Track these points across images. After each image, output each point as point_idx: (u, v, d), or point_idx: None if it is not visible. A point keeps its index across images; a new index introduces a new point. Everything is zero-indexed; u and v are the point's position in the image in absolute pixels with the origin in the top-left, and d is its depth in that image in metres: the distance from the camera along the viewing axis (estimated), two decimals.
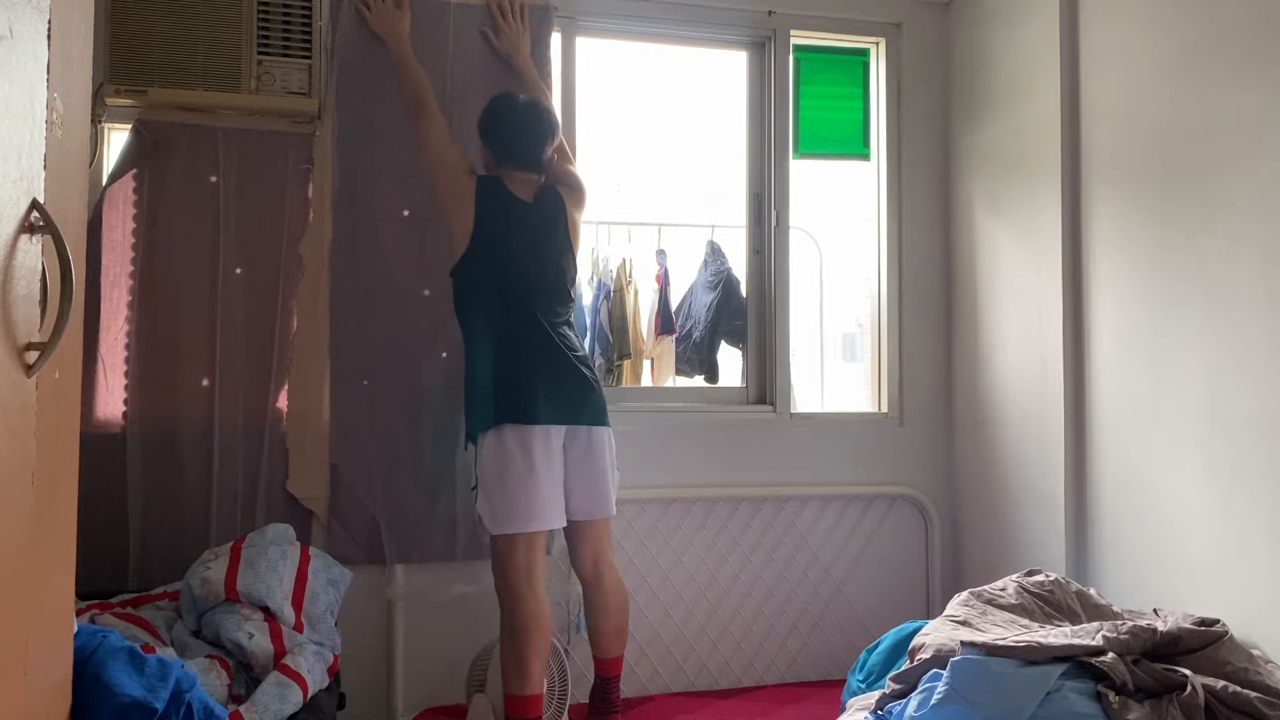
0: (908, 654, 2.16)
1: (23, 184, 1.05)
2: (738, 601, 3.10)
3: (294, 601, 2.24)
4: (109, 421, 2.60)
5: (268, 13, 2.64)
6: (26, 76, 1.06)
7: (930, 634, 2.16)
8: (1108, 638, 1.94)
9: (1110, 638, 1.94)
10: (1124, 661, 1.89)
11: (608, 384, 4.21)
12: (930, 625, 2.24)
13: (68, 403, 1.27)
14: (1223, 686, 1.86)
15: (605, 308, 4.46)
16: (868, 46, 3.43)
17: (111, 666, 1.45)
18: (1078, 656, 1.90)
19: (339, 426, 2.74)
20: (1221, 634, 2.00)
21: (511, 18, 2.88)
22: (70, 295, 1.11)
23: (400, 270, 2.81)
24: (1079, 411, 2.76)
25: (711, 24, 3.23)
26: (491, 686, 2.50)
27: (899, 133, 3.35)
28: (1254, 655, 2.02)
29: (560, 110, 3.00)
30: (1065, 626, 2.18)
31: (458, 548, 2.81)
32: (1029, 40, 2.93)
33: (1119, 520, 2.61)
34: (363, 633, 2.75)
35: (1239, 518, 2.22)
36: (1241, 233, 2.22)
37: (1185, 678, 1.86)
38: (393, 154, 2.82)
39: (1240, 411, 2.22)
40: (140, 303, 2.62)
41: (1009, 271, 3.05)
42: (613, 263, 4.54)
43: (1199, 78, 2.35)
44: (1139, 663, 1.91)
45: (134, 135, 2.63)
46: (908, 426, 3.30)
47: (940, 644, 2.08)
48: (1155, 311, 2.48)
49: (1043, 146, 2.86)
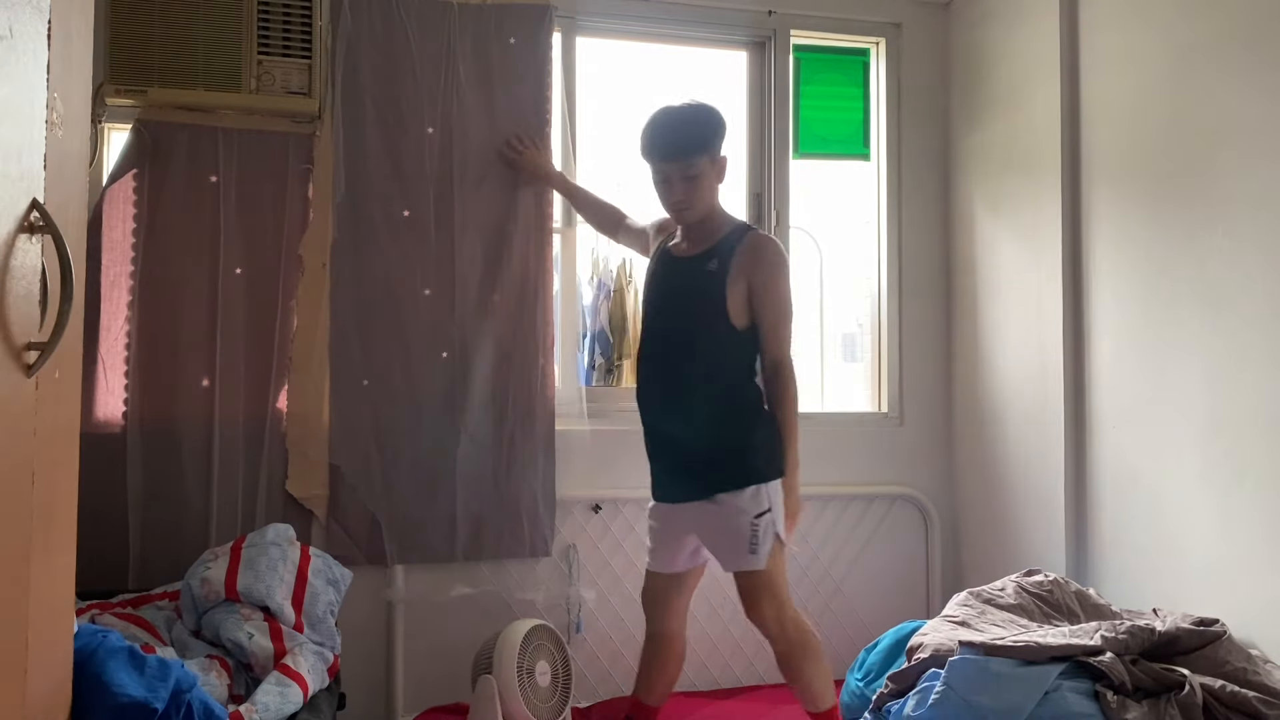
0: (905, 653, 2.16)
1: (22, 184, 1.05)
2: (738, 601, 3.09)
3: (294, 601, 2.24)
4: (109, 421, 2.60)
5: (268, 13, 2.64)
6: (26, 76, 1.06)
7: (929, 634, 2.16)
8: (1106, 637, 1.94)
9: (1108, 637, 1.94)
10: (1122, 661, 1.89)
11: (608, 384, 4.21)
12: (929, 625, 2.24)
13: (68, 403, 1.27)
14: (1220, 686, 1.86)
15: (605, 308, 4.46)
16: (868, 46, 3.43)
17: (111, 666, 1.45)
18: (1076, 656, 1.91)
19: (339, 426, 2.74)
20: (1219, 634, 2.00)
21: (520, 144, 2.88)
22: (70, 295, 1.11)
23: (400, 270, 2.81)
24: (1079, 411, 2.76)
25: (711, 24, 3.23)
26: (497, 671, 2.48)
27: (899, 133, 3.35)
28: (1252, 655, 2.02)
29: (561, 110, 3.00)
30: (1064, 626, 2.18)
31: (458, 549, 2.81)
32: (1029, 40, 2.93)
33: (1119, 520, 2.60)
34: (363, 633, 2.75)
35: (1239, 518, 2.22)
36: (1241, 233, 2.22)
37: (1183, 677, 1.86)
38: (393, 154, 2.81)
39: (1240, 412, 2.22)
40: (140, 303, 2.62)
41: (1009, 271, 3.05)
42: (613, 263, 4.54)
43: (1199, 78, 2.35)
44: (1137, 662, 1.91)
45: (134, 135, 2.63)
46: (908, 426, 3.30)
47: (938, 644, 2.08)
48: (1155, 312, 2.48)
49: (1043, 146, 2.86)
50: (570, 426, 2.98)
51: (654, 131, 2.33)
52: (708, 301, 2.30)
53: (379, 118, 2.81)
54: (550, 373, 2.93)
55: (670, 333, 2.39)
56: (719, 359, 2.31)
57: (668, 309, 2.41)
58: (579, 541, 2.97)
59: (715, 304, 2.29)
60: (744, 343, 2.32)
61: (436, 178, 2.84)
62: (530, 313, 2.90)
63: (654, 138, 2.33)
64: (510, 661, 2.44)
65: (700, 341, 2.32)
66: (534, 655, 2.52)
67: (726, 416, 2.31)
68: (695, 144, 2.30)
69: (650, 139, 2.33)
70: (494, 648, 2.52)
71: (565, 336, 3.05)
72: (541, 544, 2.89)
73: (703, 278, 2.32)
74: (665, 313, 2.42)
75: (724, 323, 2.29)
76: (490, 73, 2.89)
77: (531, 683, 2.47)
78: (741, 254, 2.30)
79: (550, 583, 2.94)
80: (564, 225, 3.09)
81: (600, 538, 3.00)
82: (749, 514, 2.24)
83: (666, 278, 2.44)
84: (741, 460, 2.26)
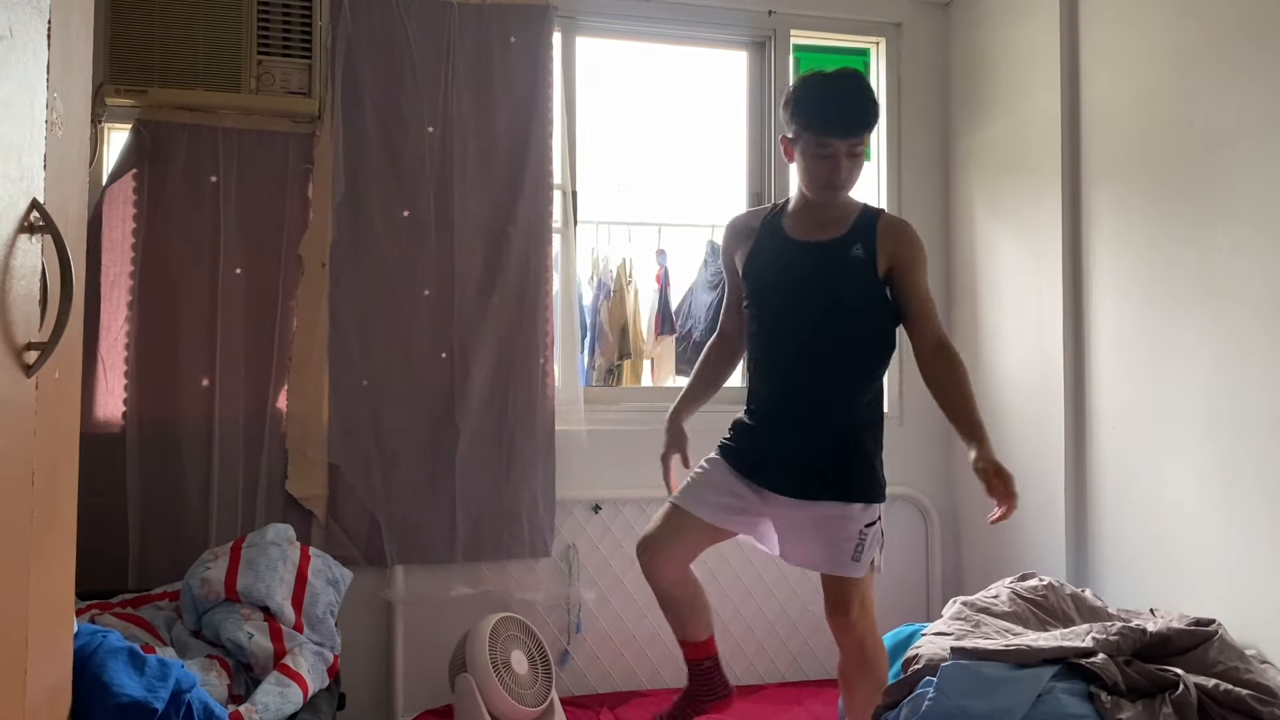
0: (902, 665, 2.16)
1: (22, 183, 1.05)
2: (738, 601, 3.10)
3: (294, 601, 2.24)
4: (109, 421, 2.60)
5: (268, 13, 2.64)
6: (26, 76, 1.06)
7: (923, 647, 2.16)
8: (1098, 639, 1.94)
9: (1100, 639, 1.94)
10: (1115, 662, 1.89)
11: (608, 384, 4.21)
12: (923, 640, 2.23)
13: (68, 403, 1.27)
14: (1215, 685, 1.86)
15: (605, 308, 4.46)
16: (868, 46, 3.43)
17: (111, 666, 1.45)
18: (1068, 658, 1.90)
19: (339, 426, 2.74)
20: (1212, 634, 2.00)
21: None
22: (70, 295, 1.11)
23: (400, 270, 2.81)
24: (1079, 411, 2.76)
25: (711, 24, 3.23)
26: (471, 668, 2.48)
27: (899, 133, 3.35)
28: (1246, 654, 2.01)
29: (561, 110, 3.00)
30: (1057, 630, 2.18)
31: (457, 549, 2.81)
32: (1029, 40, 2.93)
33: (1119, 520, 2.60)
34: (363, 633, 2.75)
35: (1239, 518, 2.21)
36: (1241, 232, 2.22)
37: (1178, 677, 1.86)
38: (393, 154, 2.81)
39: (1240, 412, 2.22)
40: (140, 303, 2.62)
41: (1009, 271, 3.05)
42: (613, 263, 4.53)
43: (1199, 78, 2.35)
44: (1131, 663, 1.91)
45: (134, 135, 2.63)
46: (908, 426, 3.30)
47: (932, 654, 2.08)
48: (1155, 312, 2.48)
49: (1043, 146, 2.86)
50: (570, 426, 2.98)
51: (834, 104, 2.08)
52: (858, 292, 2.14)
53: (379, 118, 2.81)
54: (550, 373, 2.93)
55: (810, 323, 2.16)
56: (867, 354, 2.19)
57: (802, 297, 2.16)
58: (579, 542, 2.97)
59: (869, 292, 2.13)
60: (887, 334, 2.20)
61: (436, 178, 2.84)
62: (530, 313, 2.90)
63: (835, 112, 2.07)
64: (483, 657, 2.44)
65: (849, 333, 2.15)
66: (505, 646, 2.51)
67: (867, 425, 2.19)
68: (874, 120, 2.11)
69: (829, 113, 2.07)
70: (465, 647, 2.52)
71: (565, 336, 3.05)
72: (541, 544, 2.89)
73: (847, 264, 2.13)
74: (800, 301, 2.17)
75: (878, 312, 2.16)
76: (490, 73, 2.89)
77: (509, 673, 2.47)
78: (885, 237, 2.14)
79: (550, 583, 2.94)
80: (564, 225, 3.09)
81: (600, 538, 3.00)
82: (861, 522, 2.13)
83: (794, 264, 2.18)
84: (873, 475, 2.17)
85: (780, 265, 2.21)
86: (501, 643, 2.51)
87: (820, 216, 2.18)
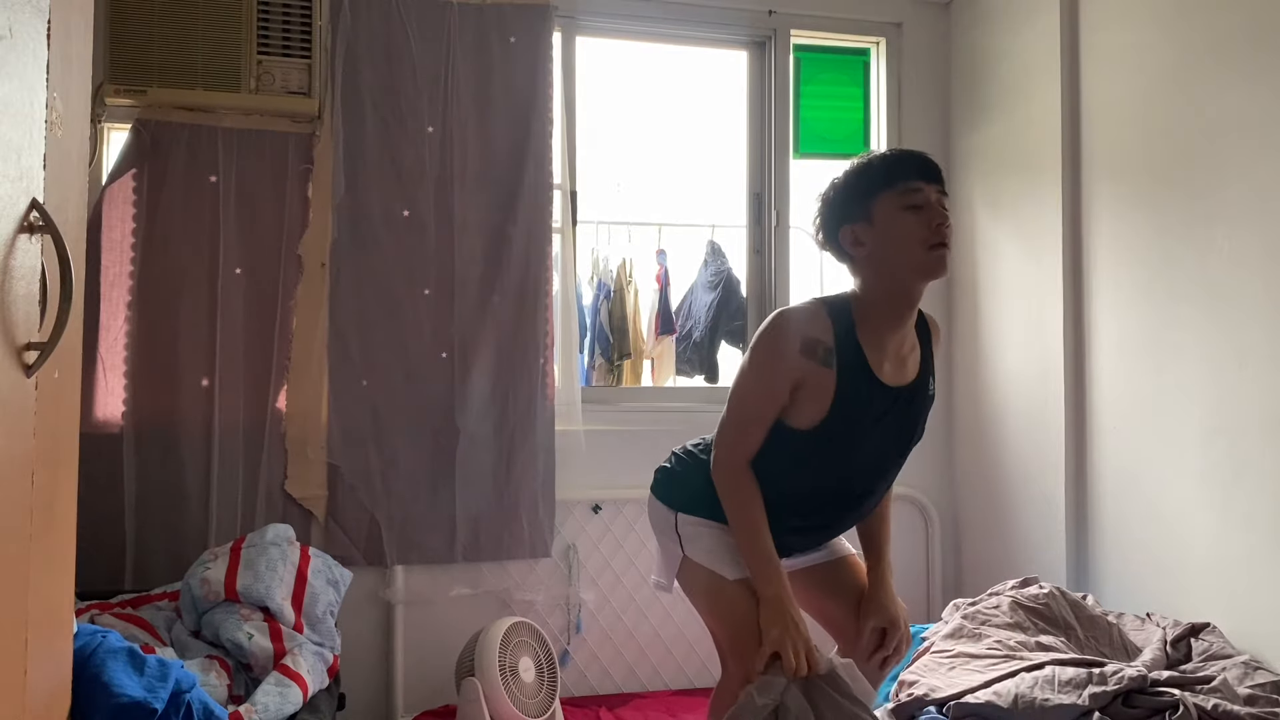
0: (896, 685, 2.16)
1: (22, 183, 1.05)
2: None
3: (294, 602, 2.24)
4: (109, 421, 2.60)
5: (268, 13, 2.64)
6: (26, 76, 1.05)
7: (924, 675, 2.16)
8: (1094, 694, 1.91)
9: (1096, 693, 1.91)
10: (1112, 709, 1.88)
11: (608, 384, 4.21)
12: (921, 663, 2.22)
13: (68, 403, 1.26)
14: (1214, 706, 1.86)
15: (605, 308, 4.46)
16: (868, 46, 3.43)
17: (111, 666, 1.45)
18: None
19: (339, 426, 2.74)
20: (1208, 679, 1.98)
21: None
22: (70, 295, 1.11)
23: (400, 270, 2.81)
24: (1079, 412, 2.76)
25: (711, 24, 3.23)
26: (479, 672, 2.48)
27: (899, 133, 3.35)
28: (1244, 661, 2.01)
29: (560, 110, 3.00)
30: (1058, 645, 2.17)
31: (457, 550, 2.81)
32: (1029, 40, 2.93)
33: (1119, 521, 2.60)
34: (363, 633, 2.75)
35: (1239, 519, 2.21)
36: (1241, 232, 2.22)
37: (1176, 699, 1.86)
38: (393, 154, 2.81)
39: (1241, 412, 2.21)
40: (140, 303, 2.62)
41: (1009, 271, 3.05)
42: (613, 263, 4.53)
43: (1199, 78, 2.35)
44: (1129, 698, 1.90)
45: (134, 135, 2.63)
46: None
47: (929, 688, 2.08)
48: (1155, 312, 2.48)
49: (1043, 146, 2.86)
50: (570, 426, 2.98)
51: (901, 153, 1.84)
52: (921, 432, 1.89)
53: (379, 118, 2.81)
54: (550, 373, 2.93)
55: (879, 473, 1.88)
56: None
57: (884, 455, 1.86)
58: (579, 542, 2.97)
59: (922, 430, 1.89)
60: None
61: (436, 178, 2.84)
62: (530, 313, 2.90)
63: (908, 155, 1.81)
64: (492, 662, 2.44)
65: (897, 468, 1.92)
66: (515, 652, 2.51)
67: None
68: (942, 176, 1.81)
69: (903, 158, 1.81)
70: (474, 649, 2.52)
71: (565, 336, 3.05)
72: (541, 544, 2.89)
73: (925, 406, 1.87)
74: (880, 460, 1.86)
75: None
76: (490, 73, 2.89)
77: (516, 680, 2.47)
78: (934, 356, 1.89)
79: (550, 583, 2.94)
80: (564, 225, 3.08)
81: (600, 538, 3.00)
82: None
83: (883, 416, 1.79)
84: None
85: (873, 416, 1.78)
86: (512, 648, 2.51)
87: (899, 338, 1.81)
